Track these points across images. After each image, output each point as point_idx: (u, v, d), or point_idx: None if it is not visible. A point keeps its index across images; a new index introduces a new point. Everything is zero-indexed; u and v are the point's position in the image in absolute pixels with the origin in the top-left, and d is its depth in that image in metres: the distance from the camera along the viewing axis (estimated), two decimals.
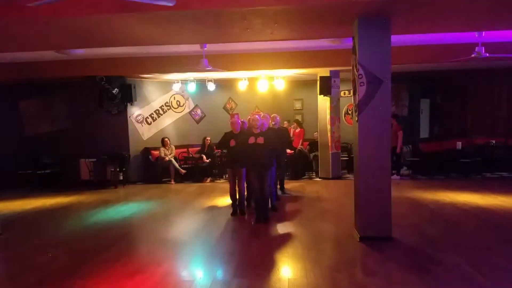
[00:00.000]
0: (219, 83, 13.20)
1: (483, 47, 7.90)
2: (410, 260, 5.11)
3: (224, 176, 12.14)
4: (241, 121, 7.98)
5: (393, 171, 11.06)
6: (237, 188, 7.68)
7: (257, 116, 7.27)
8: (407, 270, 4.78)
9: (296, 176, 11.99)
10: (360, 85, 5.80)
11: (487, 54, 7.88)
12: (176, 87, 12.55)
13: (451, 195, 8.99)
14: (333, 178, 11.70)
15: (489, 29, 7.38)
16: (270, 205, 7.54)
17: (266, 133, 7.16)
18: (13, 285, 4.71)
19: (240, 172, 7.59)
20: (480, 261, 4.98)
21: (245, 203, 7.98)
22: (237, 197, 7.74)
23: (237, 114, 7.93)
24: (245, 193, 8.01)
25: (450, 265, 4.88)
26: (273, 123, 8.83)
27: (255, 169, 7.06)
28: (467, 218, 7.10)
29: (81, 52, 8.98)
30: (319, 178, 11.99)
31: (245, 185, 7.91)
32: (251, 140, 7.00)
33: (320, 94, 11.73)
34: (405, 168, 12.25)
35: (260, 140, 6.95)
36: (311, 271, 4.81)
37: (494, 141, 12.38)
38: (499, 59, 8.98)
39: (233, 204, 7.76)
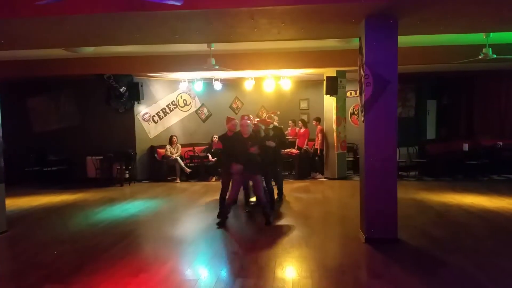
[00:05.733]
0: (226, 82, 13.21)
1: (491, 48, 7.86)
2: (416, 262, 5.09)
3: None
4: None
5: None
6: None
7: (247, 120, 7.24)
8: (413, 272, 4.76)
9: (301, 177, 11.98)
10: (367, 86, 5.78)
11: (494, 56, 7.83)
12: (183, 86, 12.59)
13: (457, 197, 8.94)
14: (338, 179, 11.68)
15: (496, 31, 7.34)
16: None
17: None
18: (19, 281, 4.74)
19: (254, 179, 7.04)
20: (486, 263, 4.96)
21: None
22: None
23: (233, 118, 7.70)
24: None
25: (456, 268, 4.86)
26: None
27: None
28: (473, 220, 7.06)
29: (89, 50, 9.03)
30: (325, 178, 11.97)
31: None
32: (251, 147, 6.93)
33: (326, 94, 11.71)
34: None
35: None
36: (316, 272, 4.80)
37: (501, 143, 12.29)
38: (506, 60, 8.92)
39: (221, 211, 7.19)
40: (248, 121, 7.24)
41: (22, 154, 12.03)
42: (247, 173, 6.94)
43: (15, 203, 9.18)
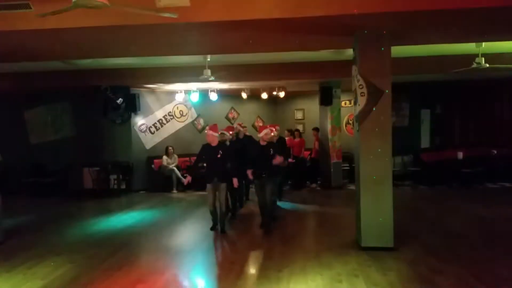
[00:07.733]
0: (222, 93, 13.27)
1: (483, 58, 7.97)
2: (412, 270, 5.12)
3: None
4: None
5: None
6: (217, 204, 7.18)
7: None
8: (409, 281, 4.79)
9: (297, 186, 12.01)
10: (361, 96, 5.86)
11: (487, 65, 7.94)
12: (179, 97, 12.62)
13: (453, 205, 8.99)
14: (334, 188, 11.70)
15: (486, 41, 7.46)
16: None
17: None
18: None
19: (221, 186, 7.11)
20: (483, 272, 4.98)
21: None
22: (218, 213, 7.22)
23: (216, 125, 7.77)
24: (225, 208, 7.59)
25: (452, 276, 4.88)
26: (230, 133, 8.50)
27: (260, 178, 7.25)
28: (469, 229, 7.10)
29: (86, 62, 9.08)
30: (320, 187, 11.99)
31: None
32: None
33: (321, 104, 11.79)
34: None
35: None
36: (313, 281, 4.82)
37: (495, 151, 12.38)
38: (499, 69, 9.03)
39: (213, 219, 7.31)
40: (212, 132, 7.58)
41: (19, 165, 12.01)
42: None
43: (11, 215, 9.12)
